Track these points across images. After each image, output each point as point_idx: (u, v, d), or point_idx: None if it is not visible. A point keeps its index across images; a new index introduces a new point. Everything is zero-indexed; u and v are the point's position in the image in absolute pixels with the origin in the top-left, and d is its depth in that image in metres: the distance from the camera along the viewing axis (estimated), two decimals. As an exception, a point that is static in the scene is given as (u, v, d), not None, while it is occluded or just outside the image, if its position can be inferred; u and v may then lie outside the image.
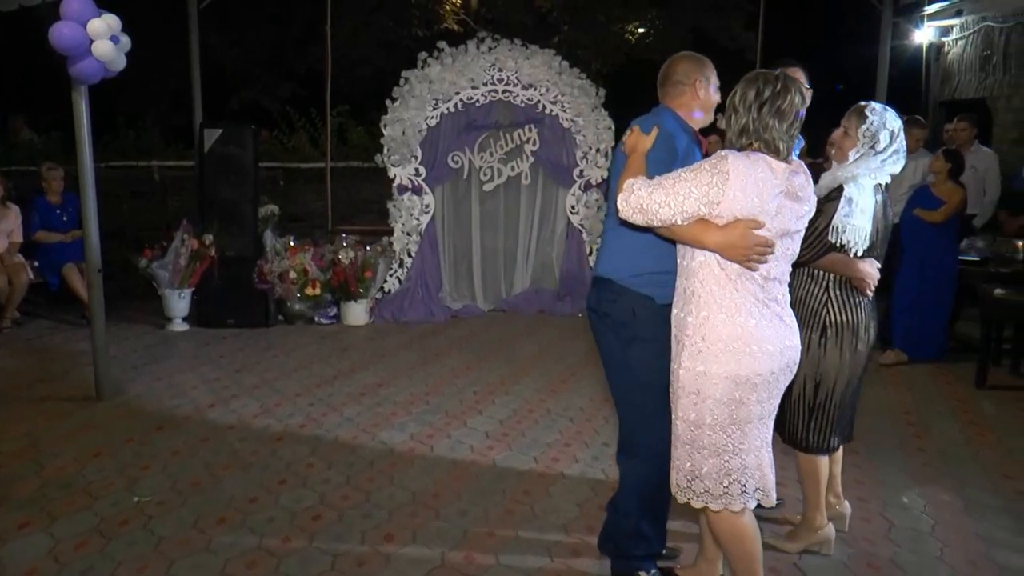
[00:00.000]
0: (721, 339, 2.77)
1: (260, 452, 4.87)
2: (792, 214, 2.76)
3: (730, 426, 2.81)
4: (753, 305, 2.77)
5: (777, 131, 2.73)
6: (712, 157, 2.74)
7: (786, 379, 2.88)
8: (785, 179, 2.73)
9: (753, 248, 2.69)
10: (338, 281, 8.26)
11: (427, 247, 8.85)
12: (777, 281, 2.83)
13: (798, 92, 2.77)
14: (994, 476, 4.64)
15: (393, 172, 8.74)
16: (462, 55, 8.77)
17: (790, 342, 2.85)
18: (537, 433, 5.24)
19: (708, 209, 2.69)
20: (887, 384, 6.36)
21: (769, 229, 2.71)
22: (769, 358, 2.78)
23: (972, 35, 10.90)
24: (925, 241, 6.71)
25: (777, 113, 2.72)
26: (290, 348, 7.37)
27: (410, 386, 6.23)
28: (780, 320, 2.83)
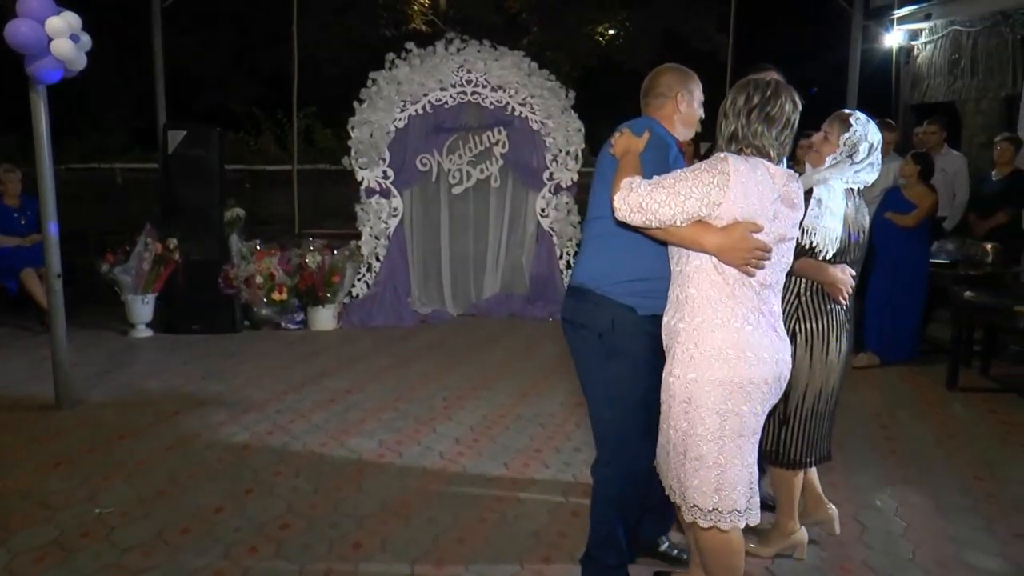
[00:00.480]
0: (715, 345, 2.71)
1: (226, 460, 4.82)
2: (788, 220, 2.75)
3: (722, 437, 2.75)
4: (749, 312, 2.73)
5: (767, 137, 2.73)
6: (711, 159, 2.72)
7: (776, 393, 2.83)
8: (782, 184, 2.73)
9: (752, 251, 2.66)
10: (305, 286, 8.21)
11: (395, 251, 8.83)
12: (772, 290, 2.80)
13: (790, 99, 2.75)
14: (965, 478, 4.69)
15: (361, 175, 8.72)
16: (430, 56, 8.76)
17: (783, 355, 2.81)
18: (508, 439, 5.23)
19: (709, 210, 2.66)
20: (859, 387, 6.42)
21: (767, 233, 2.69)
22: (764, 366, 2.74)
23: (941, 39, 11.04)
24: (897, 244, 6.79)
25: (767, 119, 2.72)
26: (257, 354, 7.33)
27: (379, 392, 6.20)
28: (774, 331, 2.80)
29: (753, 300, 2.74)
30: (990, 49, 10.23)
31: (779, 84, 2.78)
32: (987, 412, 5.94)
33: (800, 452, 3.60)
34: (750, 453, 2.80)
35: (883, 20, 11.42)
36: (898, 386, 6.55)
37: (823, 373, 3.52)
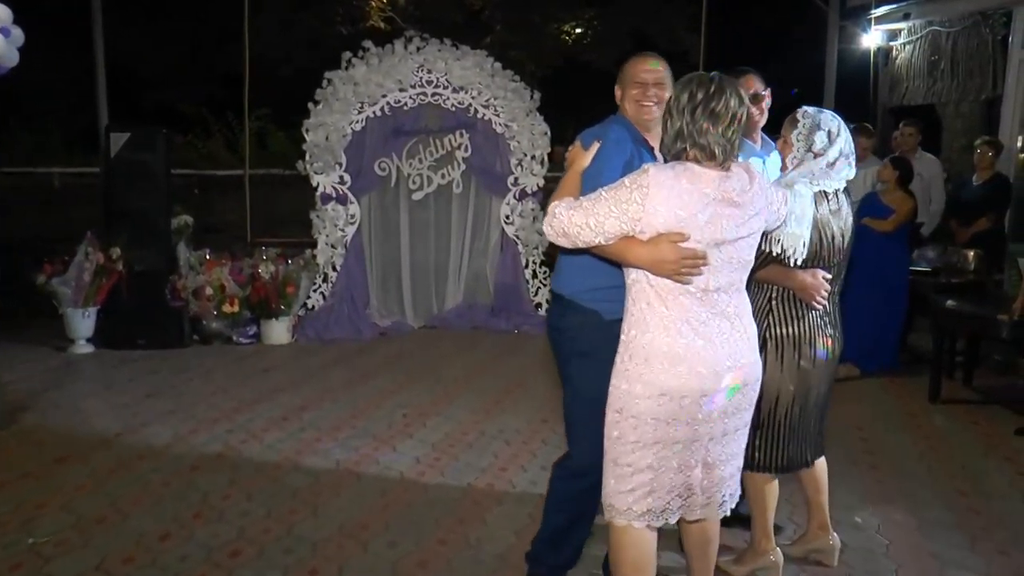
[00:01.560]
0: (645, 358, 2.81)
1: (173, 483, 4.76)
2: (731, 221, 2.77)
3: (654, 445, 2.85)
4: (685, 324, 2.80)
5: (712, 135, 2.75)
6: (634, 172, 2.79)
7: (738, 396, 2.91)
8: (716, 186, 2.75)
9: (681, 262, 2.72)
10: (258, 297, 8.16)
11: (353, 260, 8.80)
12: (722, 292, 2.84)
13: (735, 95, 2.78)
14: (948, 492, 4.74)
15: (316, 180, 8.68)
16: (389, 55, 8.75)
17: (743, 360, 2.89)
18: (471, 457, 5.22)
19: (629, 227, 2.74)
20: (839, 399, 6.43)
21: (698, 240, 2.73)
22: (699, 379, 2.80)
23: (919, 40, 11.20)
24: (875, 251, 6.85)
25: (711, 116, 2.74)
26: (206, 370, 7.26)
27: (336, 409, 6.17)
28: (730, 334, 2.86)
29: (695, 308, 2.81)
30: (970, 50, 10.40)
31: (723, 79, 2.81)
32: (970, 424, 6.01)
33: (773, 456, 3.63)
34: (693, 458, 2.90)
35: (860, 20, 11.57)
36: (878, 398, 6.61)
37: (796, 379, 3.54)
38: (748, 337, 2.92)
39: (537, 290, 9.15)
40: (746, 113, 2.82)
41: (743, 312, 2.93)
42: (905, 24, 11.30)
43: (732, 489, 3.04)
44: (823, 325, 3.58)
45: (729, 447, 2.97)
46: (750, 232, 2.85)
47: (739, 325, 2.89)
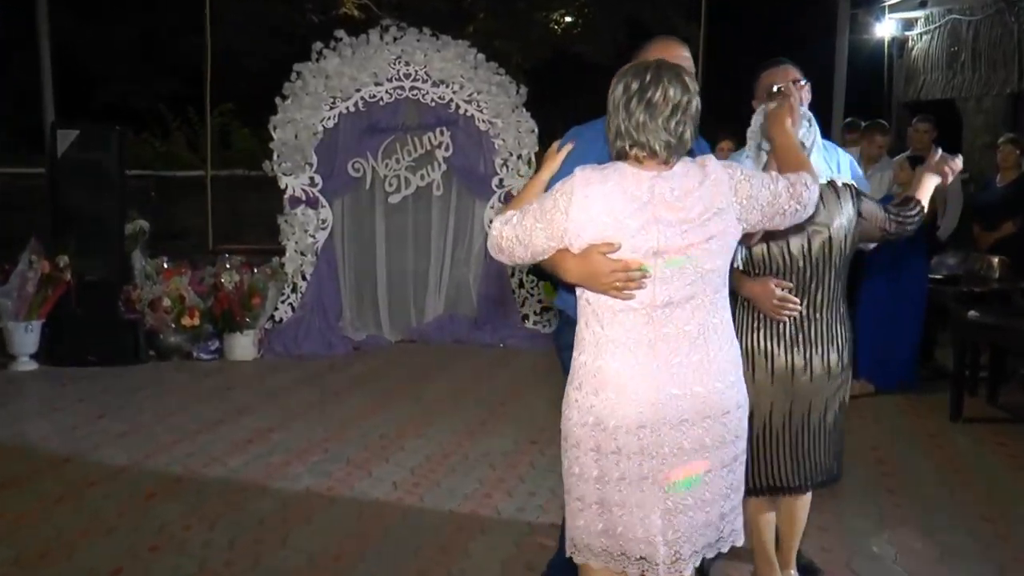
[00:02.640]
0: (579, 383, 2.73)
1: (127, 513, 4.73)
2: (671, 227, 2.63)
3: (596, 480, 2.73)
4: (620, 345, 2.68)
5: (651, 129, 2.63)
6: (565, 178, 2.71)
7: (696, 431, 2.69)
8: (648, 187, 2.63)
9: (614, 275, 2.61)
10: (221, 309, 8.14)
11: (324, 269, 8.79)
12: (677, 308, 2.67)
13: (675, 82, 2.65)
14: (971, 519, 4.75)
15: (284, 182, 8.68)
16: (363, 46, 8.77)
17: (701, 387, 2.69)
18: (453, 482, 5.20)
19: (557, 240, 2.65)
20: (852, 418, 6.45)
21: (634, 250, 2.61)
22: (633, 408, 2.65)
23: (938, 29, 11.28)
24: (891, 258, 6.87)
25: (648, 107, 2.62)
26: (164, 388, 7.24)
27: (306, 431, 6.15)
28: (686, 357, 2.68)
29: (638, 328, 2.67)
30: (993, 41, 10.46)
31: (661, 66, 2.69)
32: (996, 445, 6.03)
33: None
34: (645, 500, 2.71)
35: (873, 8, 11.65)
36: (895, 416, 6.63)
37: (770, 393, 3.52)
38: (715, 360, 2.72)
39: (524, 301, 9.16)
40: (697, 102, 2.67)
41: (711, 331, 2.72)
42: (922, 12, 11.38)
43: (711, 538, 2.80)
44: (790, 340, 3.55)
45: (699, 490, 2.74)
46: (708, 236, 2.64)
47: (703, 346, 2.70)
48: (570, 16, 16.03)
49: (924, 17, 11.44)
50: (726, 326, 2.77)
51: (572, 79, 13.15)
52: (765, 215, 2.72)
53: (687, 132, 2.65)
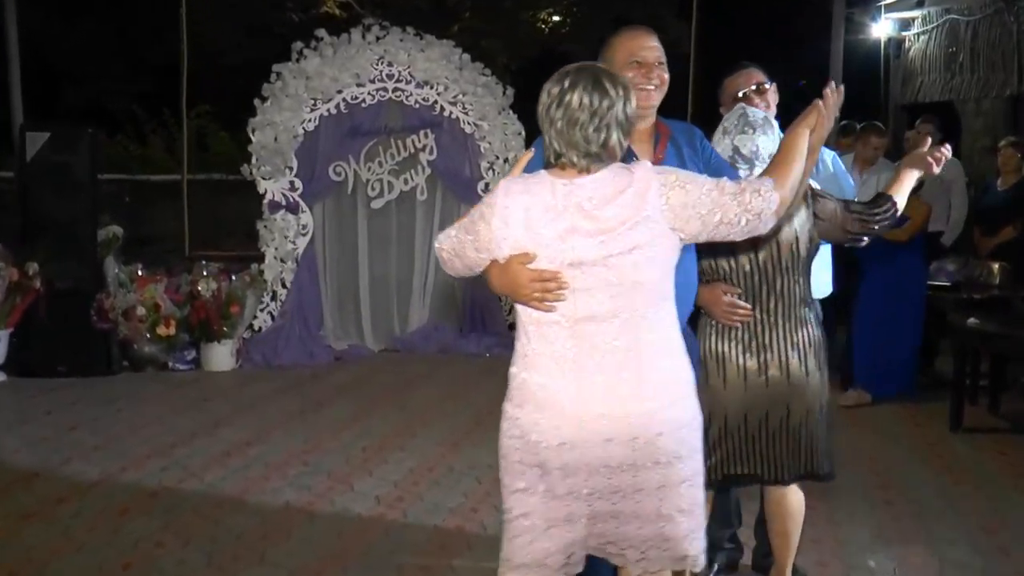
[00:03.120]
0: (511, 395, 2.77)
1: (98, 529, 4.70)
2: (589, 237, 2.59)
3: (521, 492, 2.77)
4: (547, 358, 2.67)
5: (569, 136, 2.62)
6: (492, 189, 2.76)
7: (623, 451, 2.62)
8: (564, 195, 2.62)
9: (532, 285, 2.60)
10: (197, 318, 8.11)
11: (305, 276, 8.77)
12: (603, 322, 2.63)
13: (594, 87, 2.62)
14: (973, 531, 4.76)
15: (263, 186, 8.66)
16: (345, 46, 8.76)
17: (628, 408, 2.62)
18: (438, 496, 5.19)
19: (485, 253, 2.68)
20: (848, 428, 6.49)
21: (551, 260, 2.59)
22: (553, 424, 2.66)
23: (935, 29, 11.33)
24: (888, 264, 6.90)
25: (566, 114, 2.62)
26: (138, 400, 7.21)
27: (286, 443, 6.14)
28: (613, 375, 2.62)
29: (561, 341, 2.65)
30: (992, 41, 10.50)
31: (581, 70, 2.68)
32: (997, 454, 6.05)
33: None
34: (576, 512, 2.72)
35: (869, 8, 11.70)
36: (893, 426, 6.64)
37: (724, 397, 3.59)
38: (648, 379, 2.63)
39: (510, 309, 9.13)
40: (622, 107, 2.62)
41: (646, 347, 2.64)
42: (919, 12, 11.43)
43: (672, 552, 2.71)
44: (744, 344, 3.58)
45: (629, 505, 2.68)
46: (630, 247, 2.57)
47: (632, 364, 2.62)
48: (558, 15, 16.09)
49: (921, 17, 11.49)
50: (667, 343, 2.69)
51: (559, 79, 13.12)
52: (707, 225, 2.61)
53: (611, 138, 2.61)
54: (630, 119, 2.65)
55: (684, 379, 2.71)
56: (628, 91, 2.65)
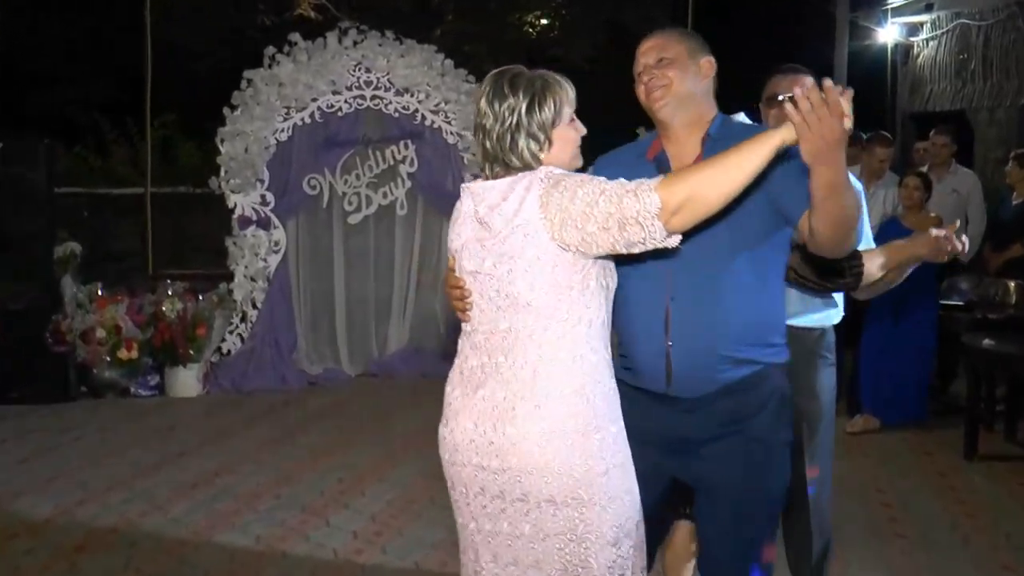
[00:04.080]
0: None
1: (53, 568, 4.68)
2: (482, 246, 2.66)
3: (454, 508, 2.84)
4: (457, 372, 2.76)
5: (481, 144, 2.71)
6: None
7: (500, 480, 2.62)
8: (470, 201, 2.72)
9: (449, 292, 2.78)
10: (161, 341, 8.09)
11: (277, 296, 8.76)
12: (490, 337, 2.66)
13: (494, 93, 2.67)
14: (989, 567, 4.76)
15: (233, 200, 8.64)
16: (320, 51, 8.76)
17: (496, 437, 2.60)
18: (419, 530, 5.19)
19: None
20: (855, 456, 6.50)
21: (461, 268, 2.75)
22: (451, 438, 2.72)
23: (945, 35, 11.41)
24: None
25: (477, 122, 2.73)
26: (97, 428, 7.20)
27: (256, 474, 6.13)
28: (490, 398, 2.63)
29: (466, 353, 2.74)
30: (1005, 46, 10.58)
31: (493, 76, 2.73)
32: (1015, 485, 6.06)
33: None
34: (486, 552, 2.71)
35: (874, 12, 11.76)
36: (903, 454, 6.65)
37: None
38: (523, 408, 2.57)
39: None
40: (525, 110, 2.62)
41: (530, 372, 2.59)
42: (928, 16, 11.50)
43: None
44: None
45: (510, 548, 2.65)
46: (509, 256, 2.61)
47: (514, 387, 2.59)
48: (546, 18, 16.14)
49: (930, 21, 11.56)
50: (561, 374, 2.59)
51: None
52: (586, 234, 2.51)
53: (516, 144, 2.61)
54: (543, 123, 2.62)
55: (573, 417, 2.57)
56: (539, 94, 2.63)
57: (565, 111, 2.66)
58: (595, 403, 2.60)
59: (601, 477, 2.57)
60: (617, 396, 2.70)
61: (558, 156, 2.66)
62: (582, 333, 2.60)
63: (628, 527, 2.63)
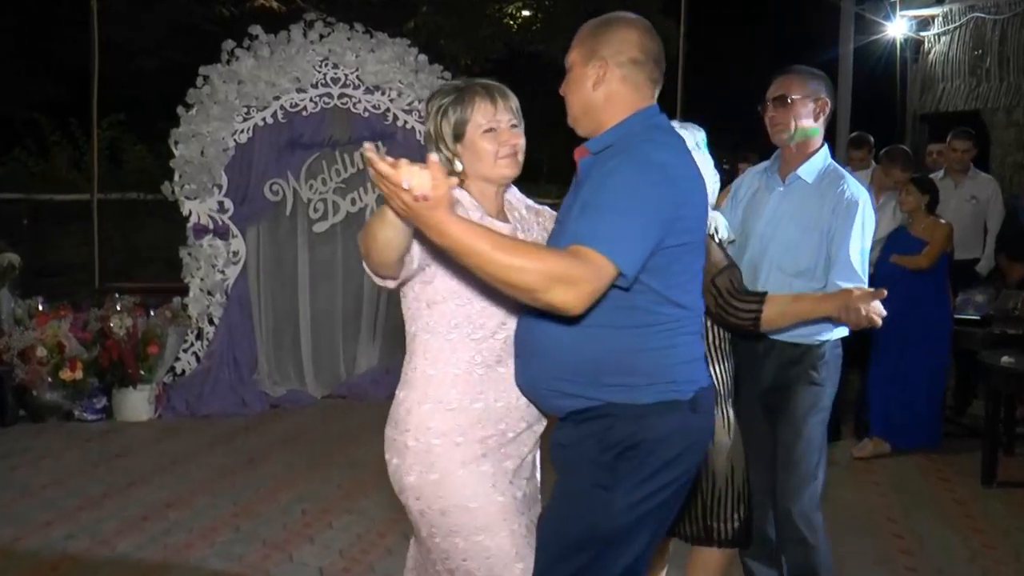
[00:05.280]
0: None
1: (-10, 607, 4.66)
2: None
3: None
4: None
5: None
6: None
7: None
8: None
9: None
10: (109, 360, 8.07)
11: (236, 311, 8.74)
12: None
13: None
14: (1009, 603, 4.78)
15: (188, 207, 8.62)
16: (284, 45, 8.76)
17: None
18: (390, 566, 5.16)
19: None
20: (864, 483, 6.52)
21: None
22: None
23: (958, 30, 11.47)
24: (907, 296, 6.91)
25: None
26: (38, 456, 7.17)
27: (213, 506, 6.11)
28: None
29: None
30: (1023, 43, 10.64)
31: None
32: (1036, 514, 6.09)
33: None
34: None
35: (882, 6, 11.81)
36: (916, 481, 6.67)
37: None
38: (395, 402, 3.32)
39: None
40: (427, 126, 3.11)
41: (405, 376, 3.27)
42: (939, 10, 11.57)
43: None
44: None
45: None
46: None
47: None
48: (528, 9, 16.19)
49: (942, 15, 11.62)
50: (408, 372, 3.25)
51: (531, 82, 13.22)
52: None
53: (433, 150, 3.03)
54: (441, 133, 3.05)
55: (401, 421, 3.22)
56: (438, 106, 3.06)
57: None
58: (409, 417, 3.23)
59: (406, 482, 3.29)
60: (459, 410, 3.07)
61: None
62: (423, 344, 3.18)
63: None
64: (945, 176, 8.38)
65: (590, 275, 2.61)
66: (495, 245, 2.56)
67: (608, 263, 2.62)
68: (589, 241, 2.64)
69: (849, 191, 3.91)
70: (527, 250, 2.65)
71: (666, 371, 2.90)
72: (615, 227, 2.66)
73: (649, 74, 2.98)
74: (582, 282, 2.60)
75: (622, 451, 2.84)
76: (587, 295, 2.62)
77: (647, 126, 2.93)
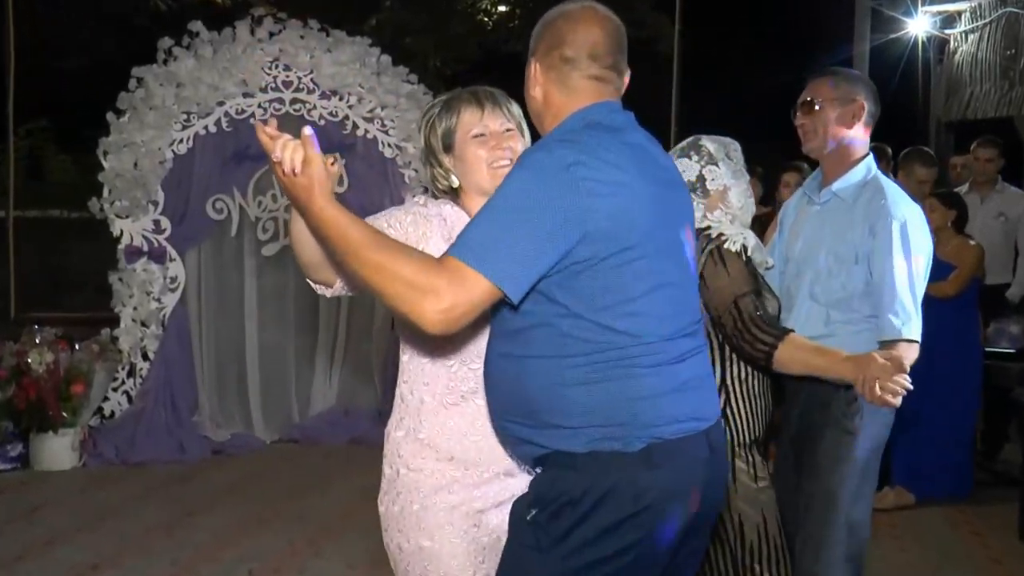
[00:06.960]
0: None
1: None
2: None
3: None
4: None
5: None
6: None
7: None
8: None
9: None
10: (27, 401, 8.04)
11: (174, 344, 8.73)
12: None
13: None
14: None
15: (119, 226, 8.62)
16: (228, 44, 8.78)
17: None
18: (353, 633, 5.17)
19: None
20: (885, 537, 6.53)
21: None
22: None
23: (988, 27, 11.52)
24: (932, 326, 6.90)
25: None
26: (-56, 511, 7.12)
27: (147, 566, 6.09)
28: None
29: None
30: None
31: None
32: (1078, 572, 6.11)
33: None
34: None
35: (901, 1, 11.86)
36: (945, 535, 6.68)
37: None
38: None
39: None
40: (423, 139, 3.25)
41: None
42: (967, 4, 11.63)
43: None
44: None
45: None
46: None
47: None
48: (504, 4, 16.24)
49: (969, 11, 11.67)
50: (396, 405, 3.20)
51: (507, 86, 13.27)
52: None
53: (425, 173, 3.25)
54: (432, 147, 3.20)
55: (385, 446, 3.19)
56: (427, 119, 3.23)
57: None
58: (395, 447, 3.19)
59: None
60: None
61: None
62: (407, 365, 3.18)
63: None
64: (970, 190, 8.40)
65: (454, 290, 2.55)
66: (366, 240, 2.62)
67: (479, 278, 2.57)
68: (460, 251, 2.61)
69: (890, 206, 3.86)
70: (396, 252, 2.64)
71: (602, 412, 2.73)
72: (491, 237, 2.61)
73: (585, 72, 2.92)
74: (444, 297, 2.54)
75: (558, 508, 2.74)
76: (449, 313, 2.56)
77: (582, 125, 2.85)
